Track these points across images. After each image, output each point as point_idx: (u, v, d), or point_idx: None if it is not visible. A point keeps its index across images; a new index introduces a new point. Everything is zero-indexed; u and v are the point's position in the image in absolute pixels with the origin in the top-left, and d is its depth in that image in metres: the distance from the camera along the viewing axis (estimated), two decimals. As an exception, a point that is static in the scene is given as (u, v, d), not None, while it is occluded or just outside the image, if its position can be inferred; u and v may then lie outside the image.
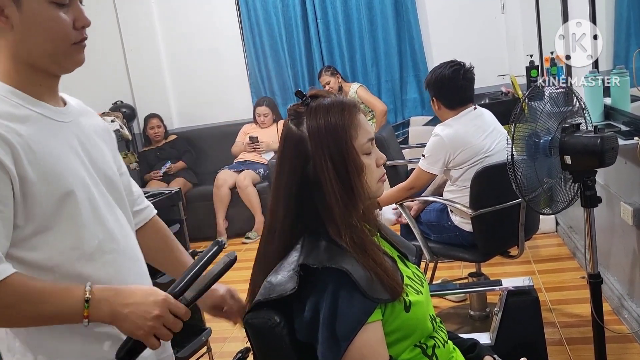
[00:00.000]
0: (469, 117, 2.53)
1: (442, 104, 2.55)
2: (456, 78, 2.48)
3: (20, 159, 0.96)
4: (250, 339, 1.15)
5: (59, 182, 1.01)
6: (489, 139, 2.49)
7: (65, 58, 1.05)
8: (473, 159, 2.47)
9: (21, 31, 1.01)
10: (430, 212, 2.67)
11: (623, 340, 2.40)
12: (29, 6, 0.99)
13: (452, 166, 2.51)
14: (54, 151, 1.03)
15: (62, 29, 1.02)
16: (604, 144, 1.71)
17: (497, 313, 1.70)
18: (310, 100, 1.15)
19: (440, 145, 2.49)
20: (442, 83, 2.50)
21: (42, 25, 1.01)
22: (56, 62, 1.05)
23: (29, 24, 1.00)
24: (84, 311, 0.94)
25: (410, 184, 2.59)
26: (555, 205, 1.93)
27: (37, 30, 1.01)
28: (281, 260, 1.14)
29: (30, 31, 1.01)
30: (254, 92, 5.43)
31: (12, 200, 0.96)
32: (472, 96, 2.58)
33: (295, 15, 5.16)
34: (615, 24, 2.87)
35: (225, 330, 3.01)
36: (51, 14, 1.00)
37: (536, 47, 3.91)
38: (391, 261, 1.17)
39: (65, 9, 1.02)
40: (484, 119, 2.57)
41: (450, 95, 2.52)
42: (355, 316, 1.04)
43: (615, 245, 2.69)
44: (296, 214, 1.14)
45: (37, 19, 1.00)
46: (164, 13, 5.44)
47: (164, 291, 1.01)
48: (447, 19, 5.04)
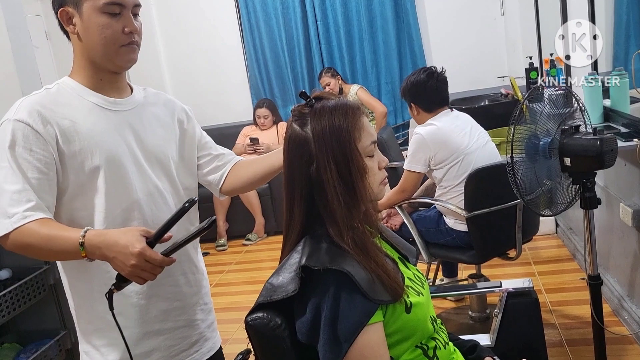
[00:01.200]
0: (448, 117, 2.59)
1: (421, 108, 2.63)
2: (431, 81, 2.57)
3: (64, 137, 1.24)
4: (252, 341, 1.15)
5: (91, 159, 1.26)
6: (467, 137, 2.54)
7: (117, 57, 1.28)
8: (453, 157, 2.50)
9: (84, 35, 1.27)
10: (424, 219, 2.68)
11: (623, 342, 2.41)
12: (87, 15, 1.25)
13: (434, 164, 2.54)
14: (97, 133, 1.27)
15: (110, 34, 1.25)
16: (603, 146, 1.72)
17: (497, 314, 1.70)
18: (315, 102, 1.16)
19: (422, 143, 2.54)
20: (418, 87, 2.59)
21: (96, 30, 1.25)
22: (110, 60, 1.28)
23: (88, 30, 1.26)
24: (81, 253, 1.15)
25: (400, 187, 2.64)
26: (555, 207, 1.93)
27: (93, 34, 1.26)
28: (282, 262, 1.15)
29: (89, 35, 1.26)
30: (254, 94, 5.43)
31: (55, 167, 1.23)
32: (447, 98, 2.65)
33: (295, 17, 5.17)
34: (615, 26, 2.88)
35: (227, 332, 3.02)
36: (103, 21, 1.24)
37: (535, 49, 3.91)
38: (392, 263, 1.18)
39: (116, 17, 1.25)
40: (461, 118, 2.63)
41: (428, 97, 2.60)
42: (357, 317, 1.05)
43: (615, 246, 2.69)
44: (302, 213, 1.15)
45: (92, 25, 1.25)
46: (164, 15, 5.45)
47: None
48: (447, 20, 5.05)
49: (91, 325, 1.34)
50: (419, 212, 2.75)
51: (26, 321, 2.45)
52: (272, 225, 4.74)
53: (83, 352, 1.37)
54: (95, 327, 1.33)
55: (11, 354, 2.32)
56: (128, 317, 1.31)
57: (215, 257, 4.47)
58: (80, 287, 1.34)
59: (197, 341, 1.44)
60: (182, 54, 5.48)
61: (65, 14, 1.27)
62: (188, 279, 1.43)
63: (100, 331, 1.33)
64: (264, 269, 4.00)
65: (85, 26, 1.26)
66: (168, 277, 1.34)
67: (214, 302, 1.55)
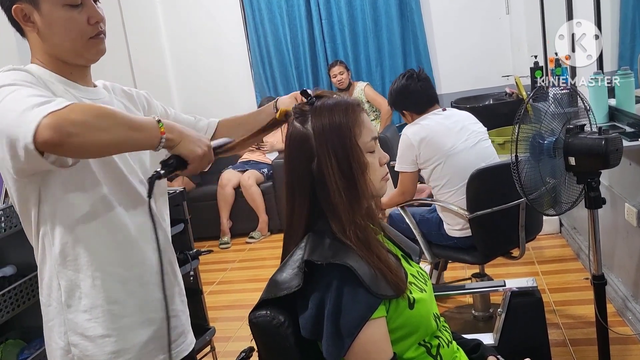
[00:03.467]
0: (437, 116, 2.58)
1: (413, 112, 2.63)
2: (413, 83, 2.58)
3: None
4: (255, 338, 1.16)
5: None
6: (453, 137, 2.51)
7: (86, 51, 1.20)
8: (436, 157, 2.49)
9: (45, 32, 1.17)
10: (427, 222, 2.67)
11: (627, 342, 2.40)
12: (47, 11, 1.15)
13: (421, 163, 2.55)
14: None
15: (76, 27, 1.17)
16: (608, 145, 1.71)
17: (501, 314, 1.70)
18: (315, 100, 1.17)
19: (406, 143, 2.55)
20: (403, 93, 2.61)
21: (60, 25, 1.16)
22: (79, 55, 1.21)
23: (49, 26, 1.16)
24: (160, 128, 1.07)
25: (399, 189, 2.64)
26: (559, 207, 1.93)
27: (56, 30, 1.17)
28: (286, 259, 1.15)
29: (52, 32, 1.17)
30: (258, 92, 5.44)
31: None
32: (434, 95, 2.65)
33: (300, 16, 5.17)
34: (620, 25, 2.87)
35: (229, 330, 3.03)
36: (65, 15, 1.16)
37: (541, 48, 3.90)
38: (395, 259, 1.18)
39: (79, 9, 1.17)
40: (452, 118, 2.59)
41: (415, 100, 2.60)
42: (360, 312, 1.05)
43: (620, 246, 2.68)
44: (305, 210, 1.16)
45: (54, 21, 1.16)
46: (169, 13, 5.46)
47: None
48: (452, 19, 5.04)
49: (87, 315, 1.24)
50: (422, 213, 2.74)
51: (30, 318, 2.46)
52: (276, 223, 4.74)
53: (71, 345, 1.25)
54: (92, 316, 1.24)
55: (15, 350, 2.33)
56: (126, 305, 1.26)
57: (219, 254, 4.48)
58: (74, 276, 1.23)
59: (182, 332, 1.40)
60: (187, 52, 5.49)
61: (20, 11, 1.16)
62: (173, 268, 1.40)
63: (96, 320, 1.23)
64: (268, 266, 4.01)
65: (47, 22, 1.16)
66: (158, 265, 1.29)
67: (217, 299, 1.55)
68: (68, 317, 1.24)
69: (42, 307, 1.29)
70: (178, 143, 1.11)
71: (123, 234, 1.25)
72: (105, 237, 1.23)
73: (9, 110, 1.00)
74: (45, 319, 1.28)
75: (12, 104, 1.01)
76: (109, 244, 1.23)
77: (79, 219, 1.20)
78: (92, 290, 1.23)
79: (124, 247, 1.25)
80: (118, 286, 1.24)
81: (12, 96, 1.03)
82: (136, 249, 1.27)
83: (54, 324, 1.26)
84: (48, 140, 0.95)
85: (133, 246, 1.26)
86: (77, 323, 1.24)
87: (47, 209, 1.18)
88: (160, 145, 1.08)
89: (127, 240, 1.25)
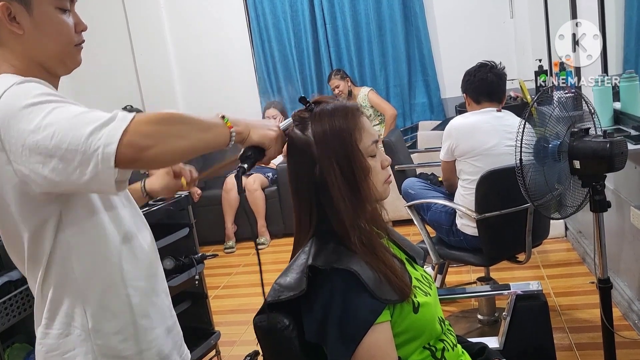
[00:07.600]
0: (487, 115, 2.56)
1: (471, 99, 2.64)
2: (482, 72, 2.58)
3: None
4: (260, 342, 1.16)
5: None
6: (498, 138, 2.49)
7: (69, 58, 1.14)
8: (473, 152, 2.51)
9: (33, 35, 1.09)
10: (440, 214, 2.67)
11: (633, 346, 2.39)
12: (39, 12, 1.08)
13: (457, 155, 2.58)
14: None
15: (68, 32, 1.12)
16: (613, 149, 1.71)
17: (506, 317, 1.70)
18: (314, 106, 1.17)
19: (448, 133, 2.61)
20: (469, 76, 2.62)
21: (52, 28, 1.10)
22: (62, 62, 1.14)
23: (40, 28, 1.09)
24: (226, 123, 1.06)
25: (443, 177, 2.77)
26: (564, 210, 1.92)
27: (47, 33, 1.10)
28: (290, 263, 1.15)
29: (41, 34, 1.10)
30: (263, 97, 5.45)
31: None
32: (497, 93, 2.61)
33: (304, 21, 5.18)
34: (625, 28, 2.87)
35: (234, 334, 3.03)
36: (59, 18, 1.11)
37: (545, 51, 3.90)
38: (399, 263, 1.18)
39: (67, 14, 1.12)
40: (502, 121, 2.56)
41: (475, 87, 2.60)
42: (364, 317, 1.05)
43: (625, 250, 2.67)
44: (310, 216, 1.16)
45: (47, 23, 1.10)
46: (174, 18, 5.48)
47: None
48: (456, 23, 5.04)
49: (119, 336, 1.16)
50: (437, 207, 2.73)
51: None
52: (280, 228, 4.74)
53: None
54: (125, 336, 1.16)
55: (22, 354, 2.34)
56: (153, 318, 1.21)
57: (224, 259, 4.48)
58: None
59: (181, 338, 1.36)
60: (192, 57, 5.51)
61: (6, 9, 1.06)
62: (163, 276, 1.36)
63: (131, 339, 1.16)
64: (272, 271, 4.00)
65: (38, 24, 1.08)
66: (163, 272, 1.28)
67: (222, 303, 1.55)
68: (97, 343, 1.14)
69: (47, 340, 1.15)
70: (247, 134, 1.10)
71: (140, 248, 1.23)
72: (127, 253, 1.18)
73: (68, 129, 0.94)
74: (56, 352, 1.14)
75: (65, 122, 0.95)
76: (131, 260, 1.19)
77: (104, 239, 1.14)
78: (123, 308, 1.17)
79: (142, 260, 1.23)
80: (145, 299, 1.21)
81: (60, 114, 0.96)
82: (149, 260, 1.25)
83: (76, 353, 1.14)
84: (123, 158, 0.93)
85: (147, 257, 1.25)
86: (109, 347, 1.15)
87: (68, 231, 1.09)
88: (231, 141, 1.06)
89: (144, 253, 1.24)
